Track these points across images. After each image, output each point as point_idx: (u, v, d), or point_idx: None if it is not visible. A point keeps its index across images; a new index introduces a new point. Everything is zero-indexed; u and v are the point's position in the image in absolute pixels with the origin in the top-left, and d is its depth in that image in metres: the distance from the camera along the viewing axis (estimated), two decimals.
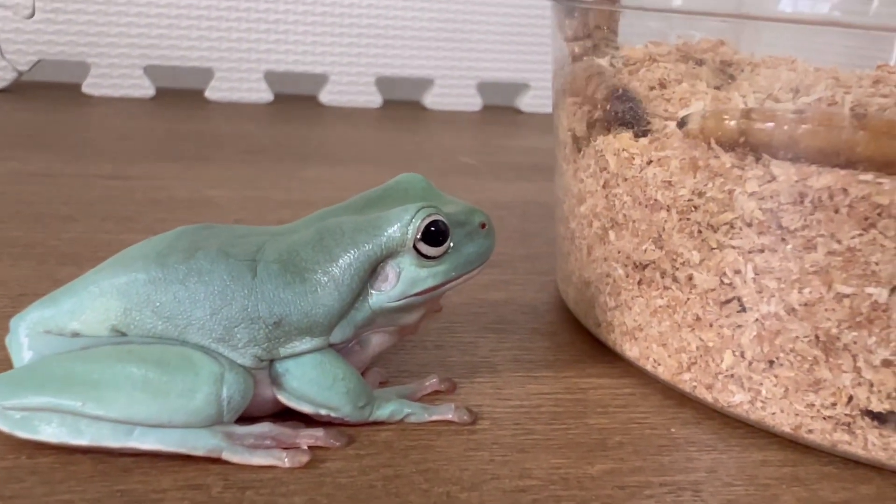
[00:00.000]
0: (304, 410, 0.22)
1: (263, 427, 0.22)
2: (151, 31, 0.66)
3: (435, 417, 0.24)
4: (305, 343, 0.22)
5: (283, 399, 0.22)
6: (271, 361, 0.22)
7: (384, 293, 0.23)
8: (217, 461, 0.21)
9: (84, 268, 0.23)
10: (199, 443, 0.20)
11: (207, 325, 0.21)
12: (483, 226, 0.24)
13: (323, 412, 0.22)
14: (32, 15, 0.63)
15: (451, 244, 0.23)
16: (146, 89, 0.67)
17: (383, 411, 0.23)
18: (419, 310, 0.24)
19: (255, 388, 0.22)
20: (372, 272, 0.23)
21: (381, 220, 0.22)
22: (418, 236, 0.22)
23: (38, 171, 0.45)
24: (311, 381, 0.22)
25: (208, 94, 0.68)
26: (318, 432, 0.22)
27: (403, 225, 0.22)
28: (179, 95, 0.68)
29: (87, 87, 0.66)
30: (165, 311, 0.21)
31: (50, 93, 0.65)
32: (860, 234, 0.21)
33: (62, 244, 0.35)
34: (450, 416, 0.24)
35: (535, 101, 0.77)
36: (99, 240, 0.35)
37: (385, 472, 0.21)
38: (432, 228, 0.22)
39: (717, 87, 0.25)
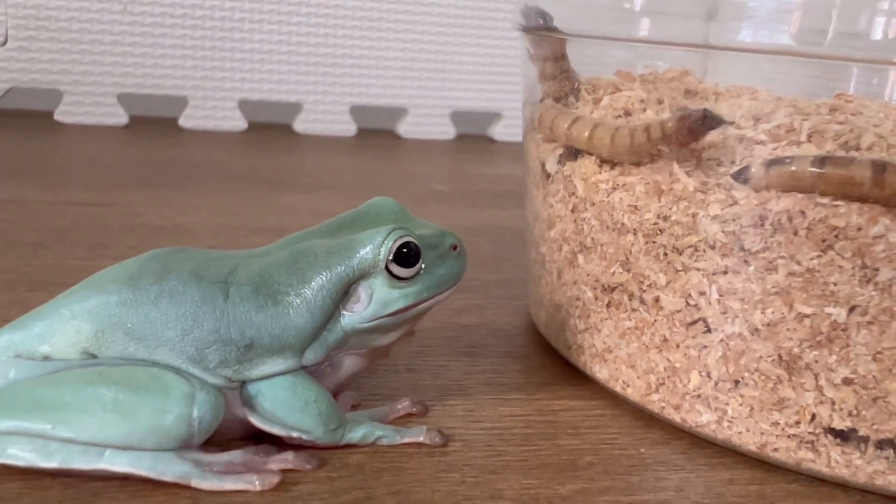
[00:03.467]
0: (275, 433, 0.22)
1: (234, 455, 0.22)
2: (125, 59, 0.66)
3: (407, 440, 0.24)
4: (277, 365, 0.22)
5: (255, 421, 0.22)
6: (243, 383, 0.22)
7: (356, 314, 0.23)
8: (188, 486, 0.21)
9: (55, 294, 0.23)
10: (169, 469, 0.20)
11: (179, 346, 0.21)
12: (454, 248, 0.24)
13: (295, 434, 0.22)
14: (5, 42, 0.63)
15: (423, 266, 0.23)
16: (119, 117, 0.67)
17: (355, 434, 0.23)
18: (392, 332, 0.24)
19: (226, 408, 0.22)
20: (344, 294, 0.23)
21: (353, 242, 0.23)
22: (390, 257, 0.23)
23: (9, 199, 0.44)
24: (282, 404, 0.22)
25: (182, 122, 0.68)
26: (289, 456, 0.22)
27: (375, 246, 0.22)
28: (153, 123, 0.68)
29: (60, 115, 0.65)
30: (137, 333, 0.21)
31: (22, 121, 0.65)
32: (818, 256, 0.22)
33: (32, 271, 0.34)
34: (421, 438, 0.24)
35: (508, 130, 0.78)
36: (70, 266, 0.35)
37: (357, 495, 0.21)
38: (404, 250, 0.23)
39: None
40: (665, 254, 0.25)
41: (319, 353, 0.23)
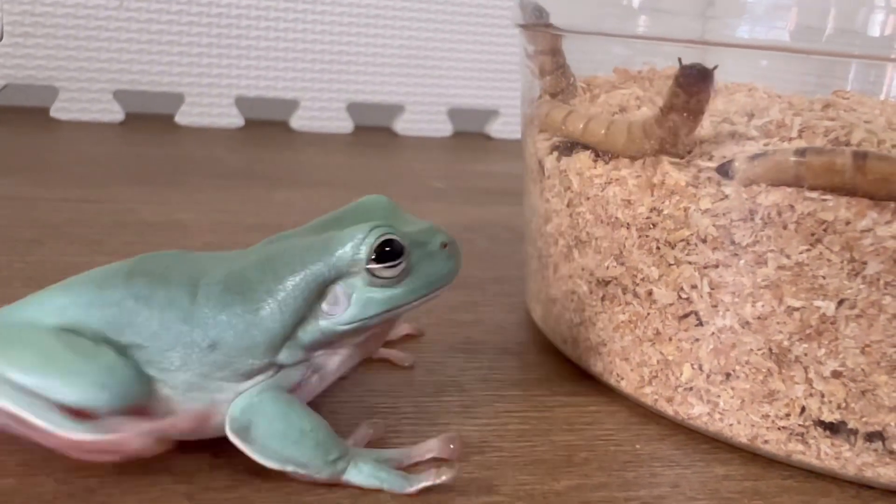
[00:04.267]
0: (270, 466, 0.21)
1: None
2: (121, 55, 0.66)
3: (415, 489, 0.21)
4: (245, 365, 0.21)
5: (249, 452, 0.21)
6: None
7: (335, 316, 0.22)
8: (184, 481, 0.21)
9: None
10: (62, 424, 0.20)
11: (145, 350, 0.21)
12: (444, 246, 0.23)
13: (290, 469, 0.21)
14: (1, 38, 0.63)
15: (408, 265, 0.22)
16: (115, 114, 0.66)
17: (358, 474, 0.21)
18: (375, 333, 0.23)
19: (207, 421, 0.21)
20: (321, 294, 0.22)
21: (332, 240, 0.22)
22: (372, 256, 0.21)
23: (5, 195, 0.44)
24: (276, 435, 0.21)
25: (178, 118, 0.68)
26: None
27: (355, 244, 0.21)
28: (149, 120, 0.68)
29: (56, 112, 0.65)
30: (100, 335, 0.21)
31: (17, 117, 0.65)
32: (808, 249, 0.22)
33: (28, 267, 0.34)
34: (431, 482, 0.21)
35: (505, 127, 0.78)
36: (65, 262, 0.35)
37: (352, 490, 0.21)
38: (386, 248, 0.21)
39: None
40: (658, 247, 0.25)
41: (297, 354, 0.22)
